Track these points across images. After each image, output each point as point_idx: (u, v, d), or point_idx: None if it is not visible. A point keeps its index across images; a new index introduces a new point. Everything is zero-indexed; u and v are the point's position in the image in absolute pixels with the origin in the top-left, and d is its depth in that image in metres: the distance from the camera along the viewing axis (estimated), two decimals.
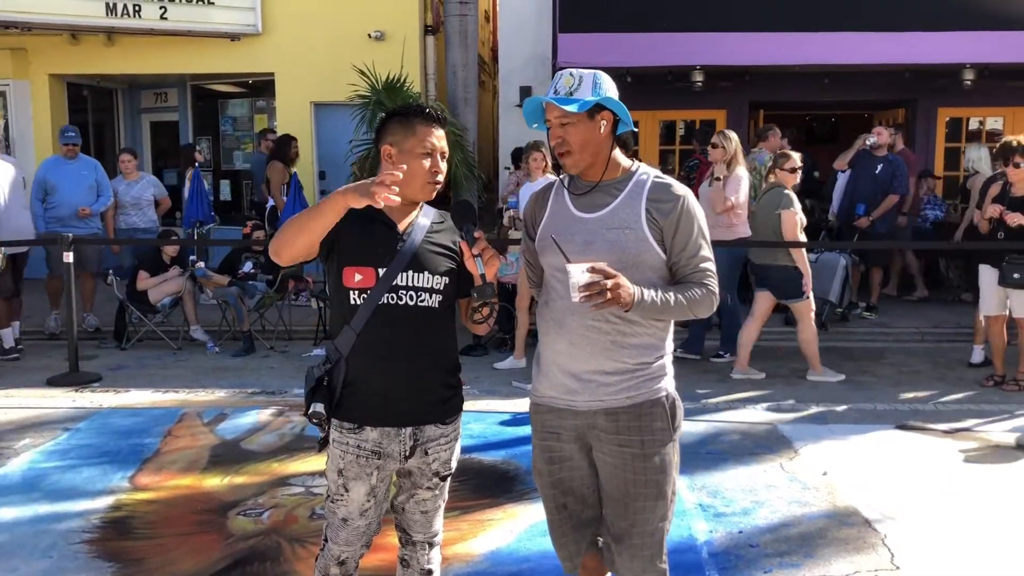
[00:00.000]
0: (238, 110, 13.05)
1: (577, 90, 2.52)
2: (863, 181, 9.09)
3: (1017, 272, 6.49)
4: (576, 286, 2.37)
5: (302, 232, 2.49)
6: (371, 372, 2.58)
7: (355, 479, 2.62)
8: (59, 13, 10.93)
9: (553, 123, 2.55)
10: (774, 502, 4.51)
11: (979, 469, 5.05)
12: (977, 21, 9.79)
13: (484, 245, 2.51)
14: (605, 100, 2.53)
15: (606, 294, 2.34)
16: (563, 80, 2.55)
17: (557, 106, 2.50)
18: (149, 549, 4.06)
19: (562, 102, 2.50)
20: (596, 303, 2.36)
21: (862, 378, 7.08)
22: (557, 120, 2.53)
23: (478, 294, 2.51)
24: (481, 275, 2.49)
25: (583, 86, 2.52)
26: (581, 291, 2.37)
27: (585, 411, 2.56)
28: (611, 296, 2.35)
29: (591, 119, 2.52)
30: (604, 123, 2.55)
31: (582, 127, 2.51)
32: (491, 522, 4.32)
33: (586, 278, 2.36)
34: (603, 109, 2.54)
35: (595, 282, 2.36)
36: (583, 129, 2.51)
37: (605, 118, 2.54)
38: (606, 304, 2.37)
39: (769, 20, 9.95)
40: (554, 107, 2.52)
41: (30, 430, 5.77)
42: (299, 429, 5.72)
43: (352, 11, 11.38)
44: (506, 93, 11.76)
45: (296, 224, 2.49)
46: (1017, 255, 6.50)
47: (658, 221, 2.50)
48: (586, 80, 2.53)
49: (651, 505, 2.55)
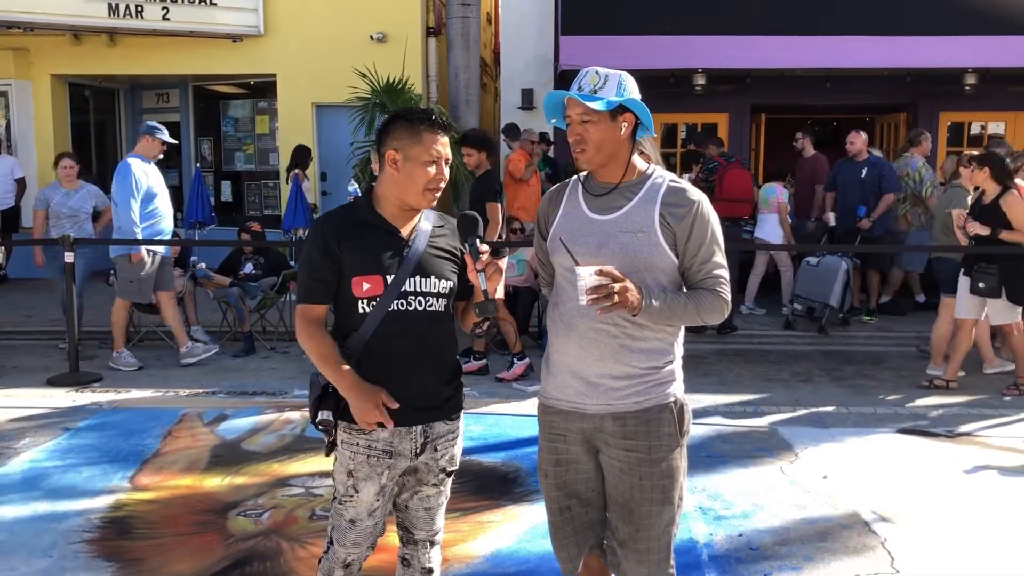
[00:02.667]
0: (239, 111, 13.06)
1: (602, 88, 2.49)
2: (851, 189, 9.06)
3: (983, 281, 6.48)
4: (583, 289, 2.37)
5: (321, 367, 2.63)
6: (381, 377, 2.58)
7: (365, 479, 2.62)
8: (62, 13, 10.96)
9: (574, 119, 2.52)
10: (774, 505, 4.51)
11: (979, 473, 5.04)
12: (979, 26, 9.81)
13: (488, 260, 2.51)
14: (629, 102, 2.51)
15: (613, 297, 2.34)
16: (588, 77, 2.52)
17: (580, 102, 2.48)
18: (149, 549, 4.06)
19: (586, 99, 2.48)
20: (603, 306, 2.36)
21: (862, 382, 7.08)
22: (578, 116, 2.51)
23: (480, 310, 2.52)
24: (483, 291, 2.50)
25: (608, 85, 2.50)
26: (588, 294, 2.36)
27: (593, 414, 2.55)
28: (618, 300, 2.34)
29: (613, 119, 2.50)
30: (625, 125, 2.53)
31: (603, 126, 2.49)
32: (491, 524, 4.31)
33: (594, 281, 2.36)
34: (625, 111, 2.52)
35: (602, 285, 2.35)
36: (604, 128, 2.49)
37: (627, 120, 2.53)
38: (613, 308, 2.36)
39: (771, 23, 9.98)
40: (577, 103, 2.50)
41: (30, 430, 5.78)
42: (299, 430, 5.72)
43: (354, 13, 11.40)
44: (507, 95, 11.78)
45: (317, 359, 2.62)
46: (985, 264, 6.50)
47: (671, 225, 2.48)
48: (611, 80, 2.51)
49: (657, 510, 2.53)
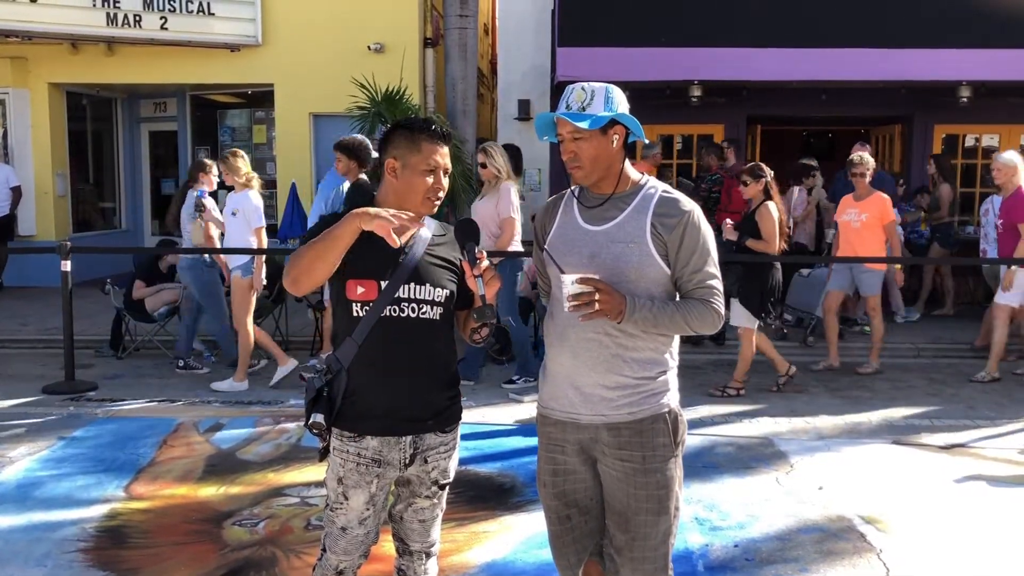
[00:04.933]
0: (237, 120, 13.09)
1: (589, 105, 2.50)
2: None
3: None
4: (566, 296, 2.39)
5: (320, 260, 2.47)
6: (372, 383, 2.59)
7: (355, 487, 2.62)
8: (60, 22, 10.98)
9: (565, 137, 2.53)
10: (770, 515, 4.52)
11: (974, 484, 5.05)
12: (974, 39, 9.85)
13: (485, 266, 2.52)
14: (618, 116, 2.52)
15: (594, 305, 2.36)
16: (575, 95, 2.53)
17: (569, 121, 2.50)
18: (144, 558, 4.05)
19: (575, 118, 2.49)
20: (584, 313, 2.38)
21: (858, 393, 7.09)
22: (569, 135, 2.51)
23: (478, 315, 2.52)
24: (481, 296, 2.51)
25: (595, 101, 2.51)
26: (569, 300, 2.39)
27: (587, 424, 2.56)
28: (599, 307, 2.36)
29: (604, 133, 2.51)
30: (616, 137, 2.54)
31: (595, 142, 2.50)
32: (487, 534, 4.31)
33: (576, 288, 2.38)
34: (615, 124, 2.53)
35: (584, 292, 2.37)
36: (595, 144, 2.50)
37: (617, 132, 2.54)
38: (594, 315, 2.38)
39: (767, 36, 10.01)
40: (566, 122, 2.51)
41: (25, 438, 5.76)
42: (295, 439, 5.72)
43: (352, 23, 11.43)
44: (505, 106, 11.82)
45: (312, 253, 2.47)
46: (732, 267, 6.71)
47: (663, 235, 2.49)
48: (598, 94, 2.52)
49: (652, 520, 2.54)
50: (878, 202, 7.60)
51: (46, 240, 11.61)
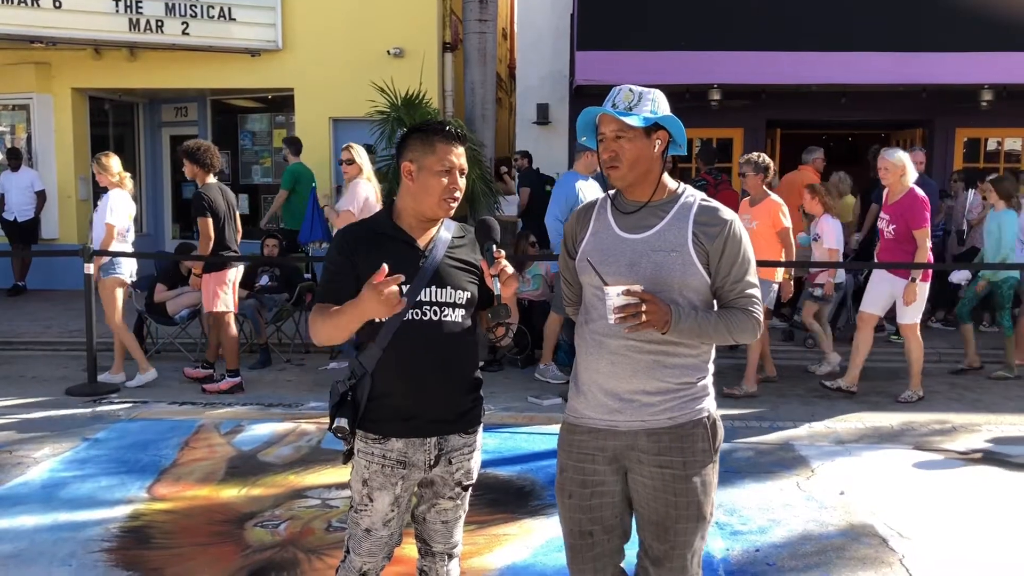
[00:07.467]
0: (257, 125, 13.17)
1: (636, 106, 2.50)
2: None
3: None
4: (611, 308, 2.38)
5: (339, 330, 2.56)
6: (396, 387, 2.60)
7: (380, 489, 2.64)
8: (84, 28, 11.09)
9: (607, 135, 2.51)
10: (791, 521, 4.50)
11: (997, 490, 5.01)
12: (996, 42, 9.80)
13: (502, 265, 2.53)
14: (664, 119, 2.52)
15: (641, 317, 2.35)
16: (623, 95, 2.52)
17: (615, 119, 2.48)
18: (167, 559, 4.09)
19: (623, 115, 2.48)
20: (630, 325, 2.37)
21: (878, 398, 7.05)
22: (612, 133, 2.50)
23: (493, 315, 2.53)
24: (497, 295, 2.51)
25: (642, 103, 2.50)
26: (616, 313, 2.37)
27: (626, 431, 2.53)
28: (646, 319, 2.35)
29: (647, 136, 2.50)
30: (659, 142, 2.53)
31: (638, 143, 2.49)
32: (507, 537, 4.32)
33: (621, 300, 2.37)
34: (659, 128, 2.52)
35: (630, 304, 2.36)
36: (639, 145, 2.49)
37: (660, 137, 2.53)
38: (641, 327, 2.37)
39: (786, 39, 9.99)
40: (611, 120, 2.50)
41: (49, 439, 5.82)
42: (315, 442, 5.75)
43: (371, 28, 11.49)
44: (523, 110, 11.84)
45: (332, 323, 2.53)
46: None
47: (704, 244, 2.48)
48: (645, 98, 2.51)
49: (692, 527, 2.52)
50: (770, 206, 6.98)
51: (69, 243, 11.73)
